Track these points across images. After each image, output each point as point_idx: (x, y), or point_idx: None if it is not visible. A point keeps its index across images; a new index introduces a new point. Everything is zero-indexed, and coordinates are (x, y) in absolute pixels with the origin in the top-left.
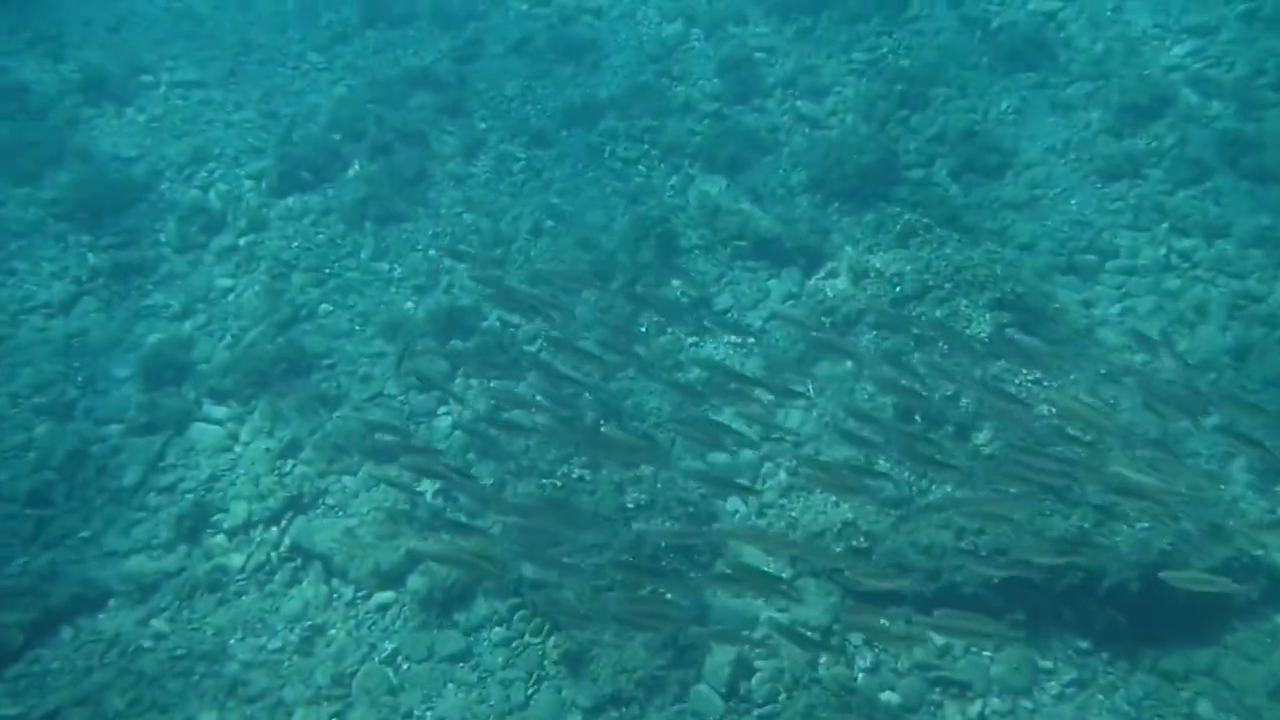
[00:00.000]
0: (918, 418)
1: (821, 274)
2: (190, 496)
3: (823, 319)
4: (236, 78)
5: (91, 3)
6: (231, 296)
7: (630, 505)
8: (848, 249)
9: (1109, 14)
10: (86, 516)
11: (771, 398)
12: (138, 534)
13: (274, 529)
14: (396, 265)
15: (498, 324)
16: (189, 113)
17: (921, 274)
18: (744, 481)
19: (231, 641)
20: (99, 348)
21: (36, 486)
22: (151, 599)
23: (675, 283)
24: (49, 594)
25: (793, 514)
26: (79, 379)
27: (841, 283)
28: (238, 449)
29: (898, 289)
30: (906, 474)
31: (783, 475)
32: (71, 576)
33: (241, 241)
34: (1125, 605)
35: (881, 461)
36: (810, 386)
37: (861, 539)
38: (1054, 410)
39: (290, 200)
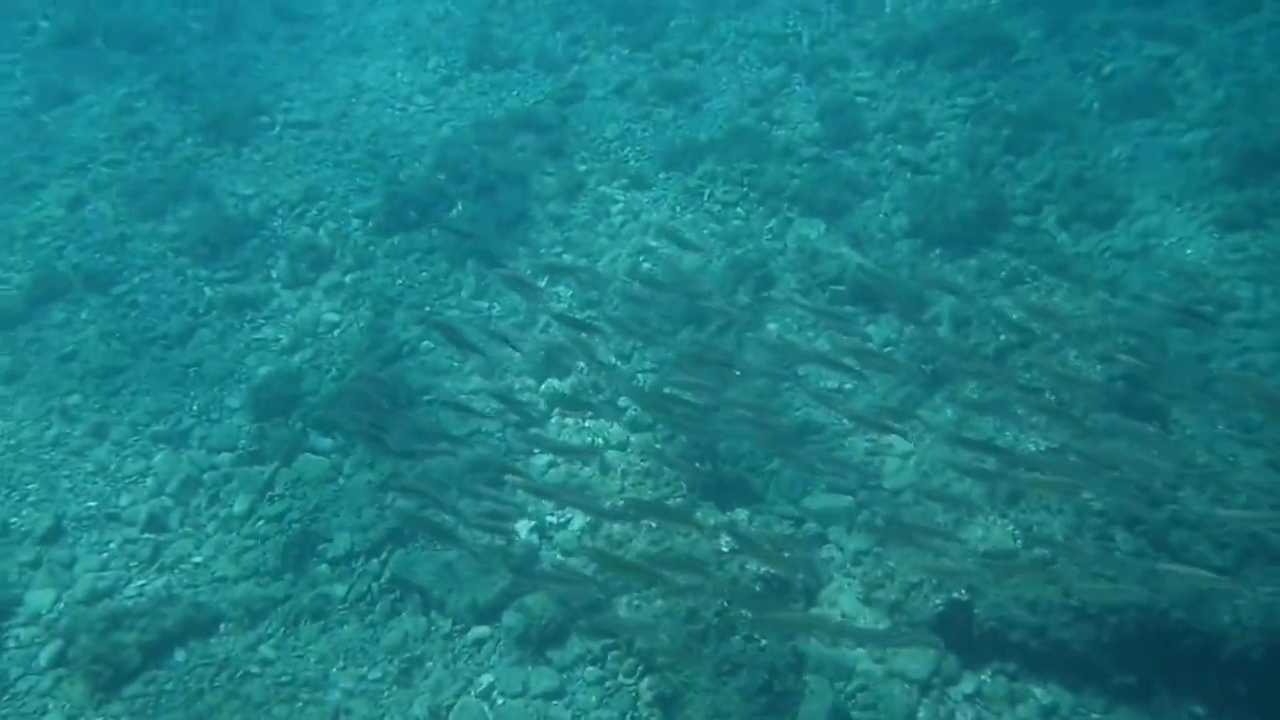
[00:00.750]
0: (1024, 469)
1: (923, 320)
2: (296, 526)
3: (923, 366)
4: (347, 119)
5: (215, 47)
6: (338, 332)
7: (725, 549)
8: (950, 296)
9: (1231, 59)
10: (199, 542)
11: (870, 443)
12: (247, 560)
13: (375, 560)
14: (496, 304)
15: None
16: (301, 153)
17: (1028, 323)
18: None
19: (334, 670)
20: (213, 378)
21: (155, 512)
22: (259, 625)
23: (771, 326)
24: (164, 616)
25: (889, 564)
26: (194, 408)
27: (944, 330)
28: (341, 480)
29: (1002, 338)
30: (1010, 525)
31: (879, 523)
32: (184, 600)
33: (348, 278)
34: (1247, 674)
35: (983, 513)
36: (911, 433)
37: (962, 592)
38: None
39: (396, 239)
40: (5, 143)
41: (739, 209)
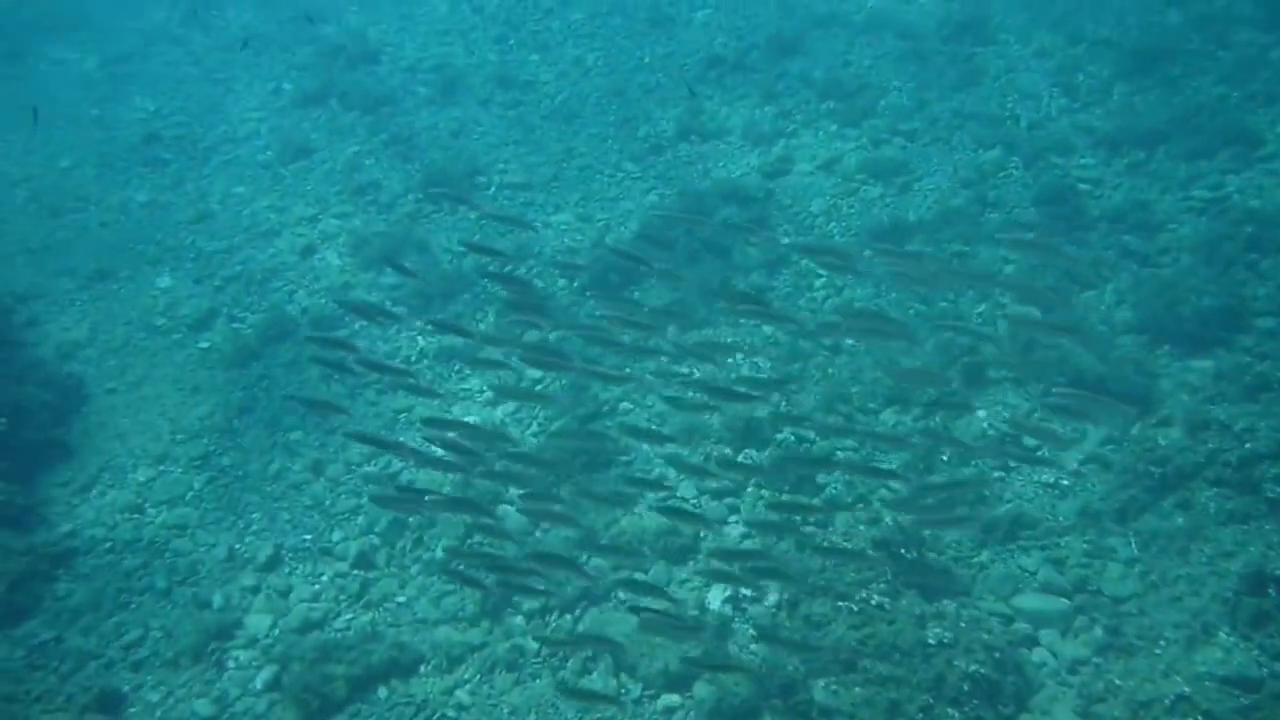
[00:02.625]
0: (1272, 591)
1: (1151, 421)
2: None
3: (1151, 469)
4: (558, 183)
5: (439, 110)
6: (539, 387)
7: (931, 641)
8: (1183, 397)
9: None
10: (403, 583)
11: (1088, 545)
12: (447, 604)
13: (568, 616)
14: (696, 370)
15: (792, 437)
16: (514, 212)
17: (1278, 433)
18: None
19: None
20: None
21: (364, 550)
22: (457, 670)
23: (981, 413)
24: (370, 652)
25: (1112, 678)
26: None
27: (1175, 433)
28: (537, 534)
29: (1247, 446)
30: (1255, 650)
31: (1099, 632)
32: (388, 638)
33: (553, 336)
34: None
35: (1223, 633)
36: (1132, 541)
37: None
38: None
39: (597, 301)
40: (249, 193)
41: (949, 291)
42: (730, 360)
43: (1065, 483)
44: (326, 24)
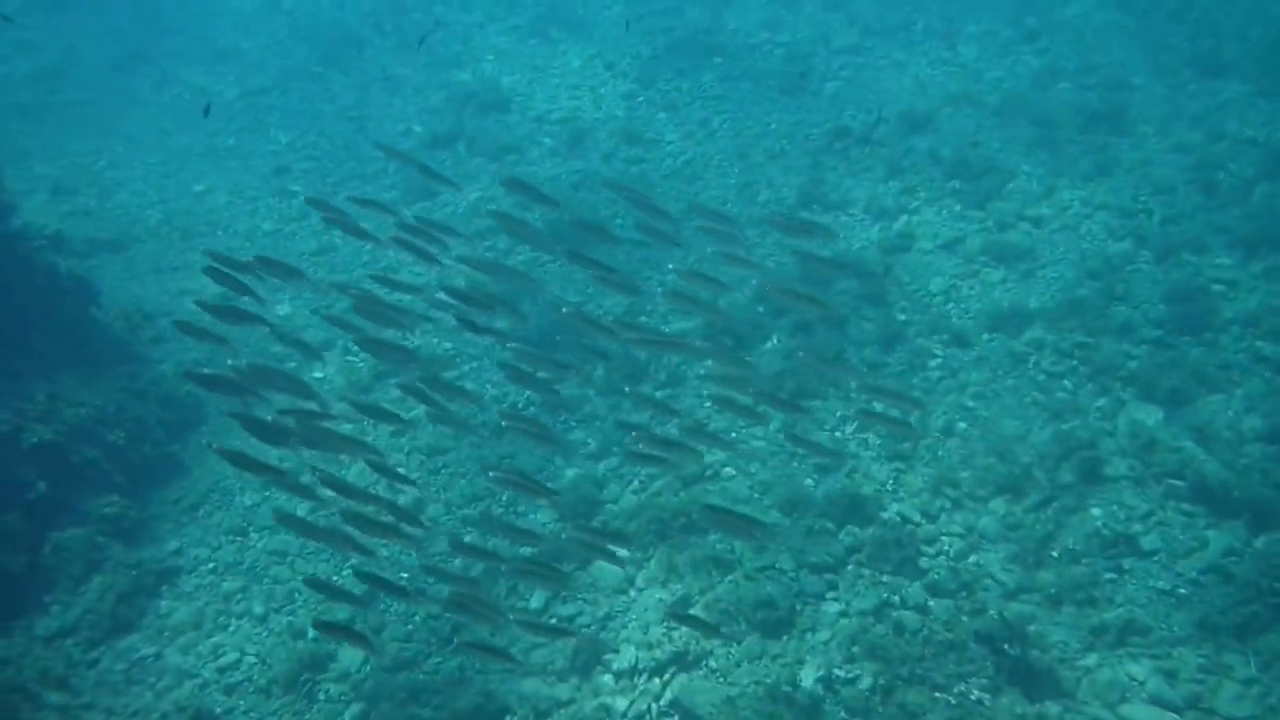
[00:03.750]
0: None
1: (1278, 535)
2: (586, 631)
3: (1276, 585)
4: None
5: (562, 162)
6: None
7: None
8: None
9: None
10: (494, 630)
11: (1203, 660)
12: (536, 657)
13: (657, 680)
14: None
15: (898, 518)
16: (630, 268)
17: None
18: None
19: None
20: (522, 469)
21: (457, 592)
22: None
23: (1095, 511)
24: (457, 698)
25: None
26: (504, 498)
27: None
28: (633, 593)
29: None
30: None
31: None
32: (476, 686)
33: (659, 394)
34: None
35: None
36: (1251, 660)
37: None
38: None
39: (709, 362)
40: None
41: (1066, 382)
42: (838, 434)
43: (1183, 591)
44: (461, 70)
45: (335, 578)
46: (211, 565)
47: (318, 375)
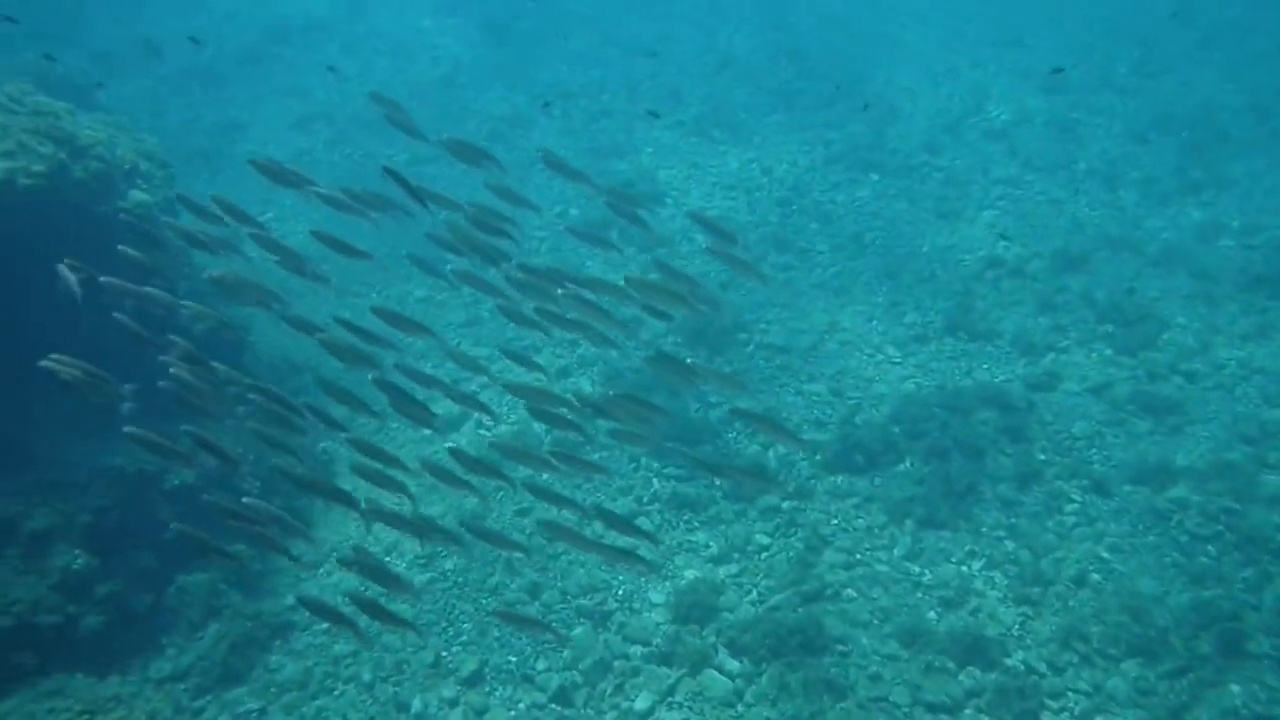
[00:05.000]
0: None
1: None
2: None
3: None
4: (816, 353)
5: (711, 260)
6: (765, 555)
7: None
8: None
9: None
10: None
11: None
12: None
13: None
14: (927, 571)
15: (1022, 666)
16: (768, 373)
17: None
18: None
19: None
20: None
21: (564, 685)
22: None
23: (1234, 688)
24: None
25: None
26: (619, 593)
27: None
28: (740, 708)
29: None
30: None
31: None
32: None
33: (785, 505)
34: None
35: None
36: None
37: None
38: None
39: (839, 479)
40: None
41: (1210, 547)
42: (964, 569)
43: None
44: (621, 160)
45: (445, 653)
46: (326, 625)
47: (449, 445)
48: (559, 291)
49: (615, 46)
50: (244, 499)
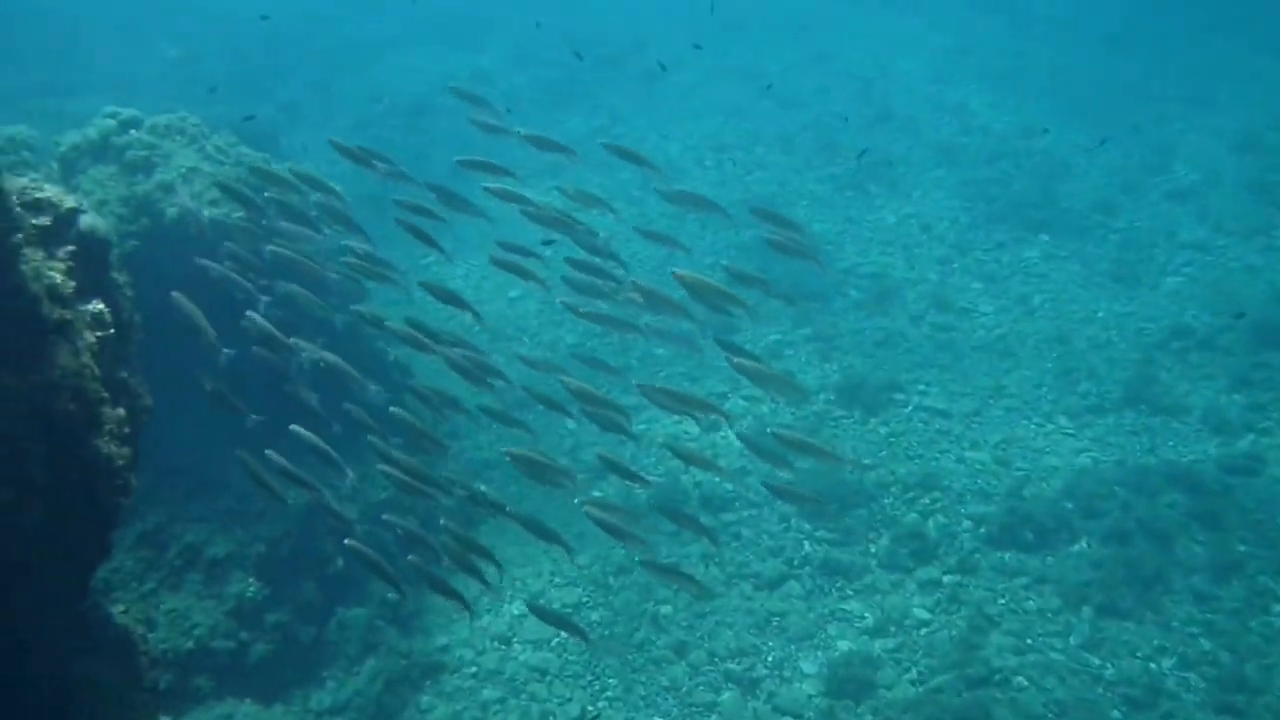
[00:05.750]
0: None
1: None
2: None
3: None
4: (980, 418)
5: (867, 317)
6: (925, 631)
7: None
8: None
9: None
10: None
11: None
12: None
13: None
14: (1109, 665)
15: None
16: (926, 438)
17: None
18: None
19: None
20: (794, 635)
21: None
22: None
23: None
24: None
25: None
26: (769, 659)
27: None
28: None
29: None
30: None
31: None
32: None
33: (947, 579)
34: None
35: None
36: None
37: None
38: None
39: (1006, 555)
40: (667, 357)
41: None
42: (1153, 667)
43: None
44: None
45: (589, 707)
46: (474, 669)
47: (596, 494)
48: (733, 360)
49: (770, 99)
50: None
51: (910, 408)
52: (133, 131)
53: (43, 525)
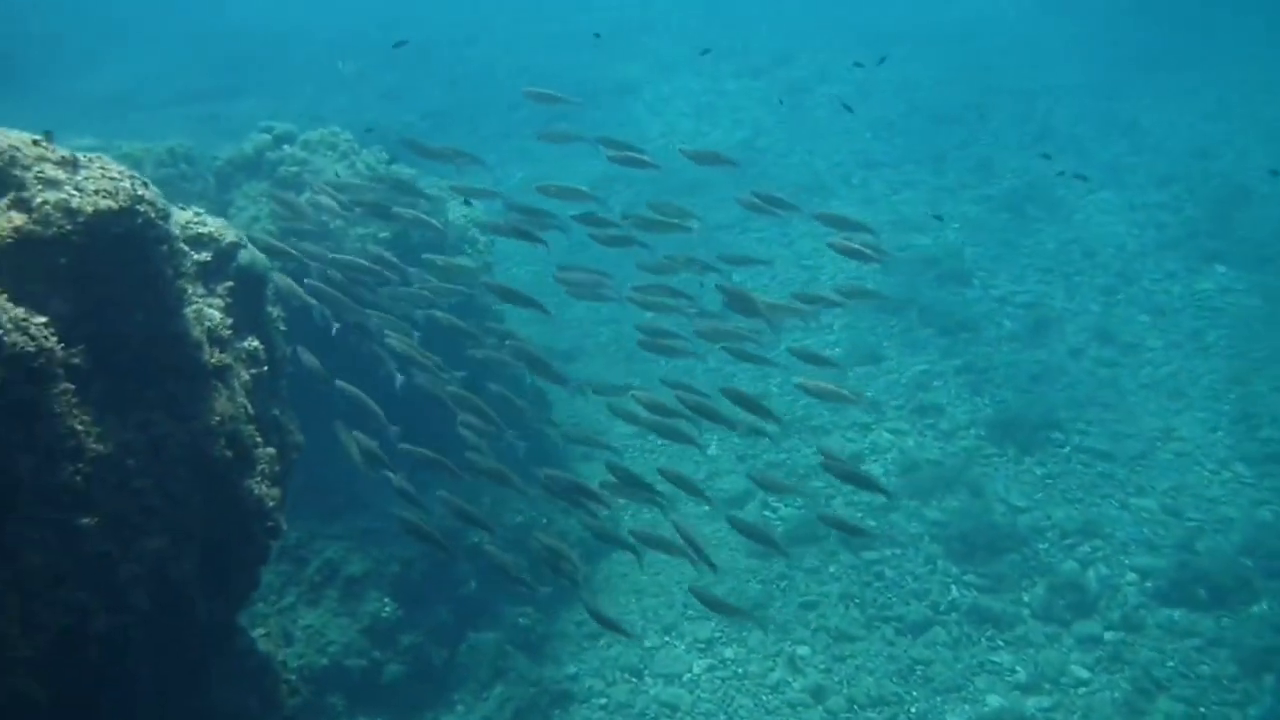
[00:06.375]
0: None
1: None
2: None
3: None
4: (1145, 462)
5: (1022, 349)
6: (1084, 691)
7: None
8: None
9: None
10: None
11: None
12: None
13: None
14: None
15: None
16: (1087, 481)
17: None
18: None
19: None
20: (939, 685)
21: None
22: None
23: None
24: None
25: None
26: (913, 709)
27: None
28: None
29: None
30: None
31: None
32: None
33: (1109, 635)
34: None
35: None
36: None
37: None
38: None
39: (1176, 613)
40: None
41: None
42: None
43: None
44: (923, 234)
45: None
46: (604, 701)
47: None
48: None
49: (921, 114)
50: None
51: (1069, 448)
52: (286, 147)
53: (195, 571)
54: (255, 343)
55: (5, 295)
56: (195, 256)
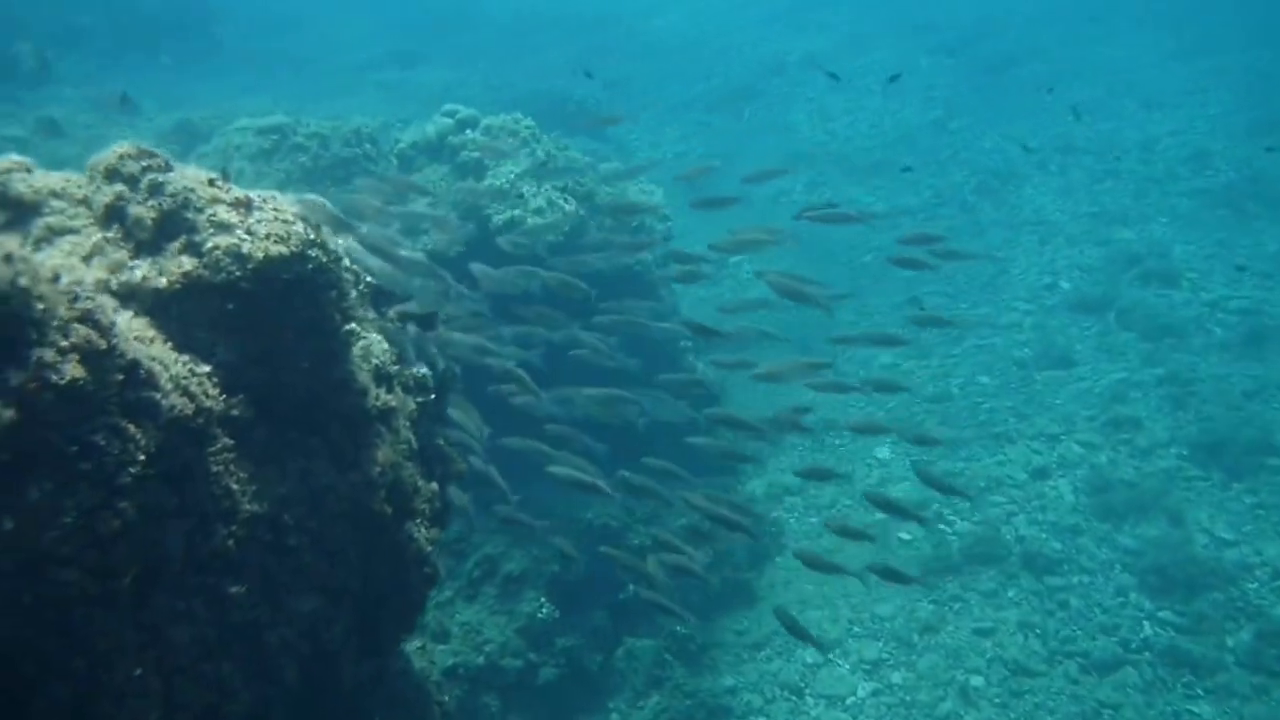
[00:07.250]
0: None
1: None
2: None
3: None
4: None
5: (1233, 361)
6: None
7: None
8: None
9: None
10: None
11: None
12: None
13: None
14: None
15: None
16: None
17: None
18: None
19: None
20: None
21: None
22: None
23: None
24: None
25: None
26: None
27: None
28: None
29: None
30: None
31: None
32: None
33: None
34: None
35: None
36: None
37: None
38: None
39: None
40: (994, 386)
41: None
42: None
43: None
44: (1127, 228)
45: None
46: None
47: (904, 536)
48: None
49: (1130, 98)
50: None
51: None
52: (468, 132)
53: (345, 632)
54: (424, 370)
55: (169, 344)
56: (368, 278)
